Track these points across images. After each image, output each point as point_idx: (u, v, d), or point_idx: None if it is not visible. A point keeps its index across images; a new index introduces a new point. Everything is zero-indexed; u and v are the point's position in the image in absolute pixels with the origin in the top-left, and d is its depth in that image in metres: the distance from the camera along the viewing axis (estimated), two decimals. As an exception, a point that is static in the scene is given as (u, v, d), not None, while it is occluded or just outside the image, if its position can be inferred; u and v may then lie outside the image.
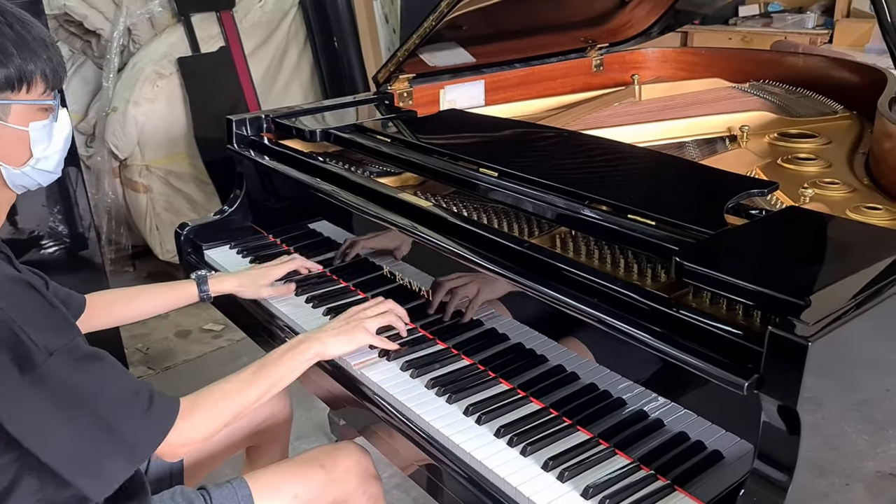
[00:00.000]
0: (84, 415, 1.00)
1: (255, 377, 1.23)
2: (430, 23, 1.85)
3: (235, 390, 1.20)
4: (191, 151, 3.34)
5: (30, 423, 0.98)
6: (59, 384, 0.99)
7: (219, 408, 1.17)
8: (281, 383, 1.26)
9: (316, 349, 1.29)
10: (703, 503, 0.99)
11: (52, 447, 0.99)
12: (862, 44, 4.14)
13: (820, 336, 0.83)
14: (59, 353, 0.99)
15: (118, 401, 1.04)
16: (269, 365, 1.25)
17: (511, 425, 1.16)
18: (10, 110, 1.05)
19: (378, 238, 1.56)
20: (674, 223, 1.15)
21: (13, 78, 1.03)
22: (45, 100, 1.08)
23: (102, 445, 1.02)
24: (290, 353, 1.28)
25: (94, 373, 1.03)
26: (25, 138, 1.08)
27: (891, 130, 1.54)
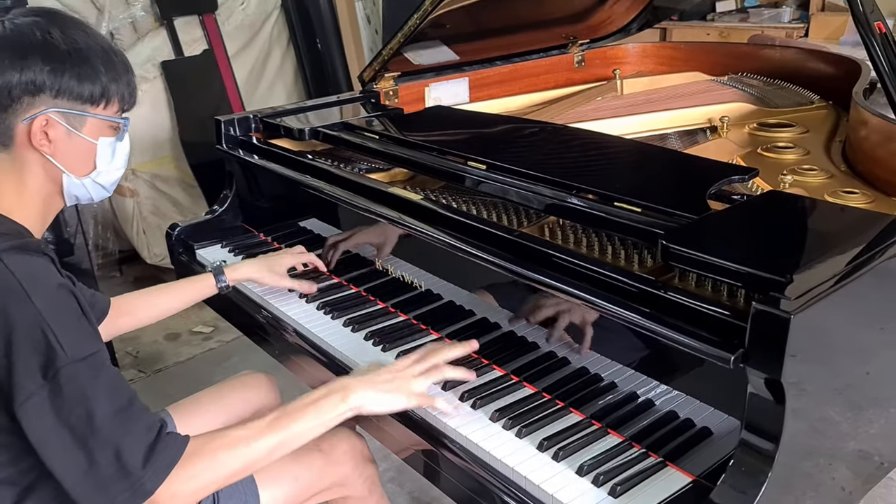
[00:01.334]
0: (95, 437, 0.97)
1: (272, 426, 1.07)
2: (415, 21, 1.87)
3: (244, 439, 1.05)
4: (176, 155, 3.34)
5: (45, 436, 0.97)
6: (75, 396, 0.97)
7: (220, 459, 1.03)
8: (302, 437, 1.09)
9: (353, 402, 1.11)
10: (695, 477, 1.02)
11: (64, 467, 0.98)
12: (837, 37, 4.22)
13: (801, 310, 0.86)
14: (83, 363, 0.99)
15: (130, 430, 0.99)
16: (290, 414, 1.09)
17: (506, 409, 1.19)
18: (86, 122, 1.10)
19: (369, 233, 1.58)
20: (659, 209, 1.18)
21: (97, 94, 1.09)
22: (118, 118, 1.14)
23: (110, 474, 0.97)
24: (320, 403, 1.11)
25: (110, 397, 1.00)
26: (92, 150, 1.13)
27: (866, 118, 1.59)
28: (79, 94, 1.07)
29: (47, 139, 1.08)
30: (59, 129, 1.08)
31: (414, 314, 1.48)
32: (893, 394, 1.18)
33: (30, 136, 1.07)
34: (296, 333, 1.52)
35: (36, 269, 1.03)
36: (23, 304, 0.98)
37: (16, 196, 1.10)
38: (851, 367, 1.07)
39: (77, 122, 1.09)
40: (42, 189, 1.12)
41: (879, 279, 1.04)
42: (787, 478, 0.93)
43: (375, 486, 1.43)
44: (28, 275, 1.00)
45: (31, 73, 1.04)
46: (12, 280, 0.99)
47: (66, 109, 1.08)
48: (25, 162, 1.09)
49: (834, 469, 1.09)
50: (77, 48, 1.07)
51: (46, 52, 1.05)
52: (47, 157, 1.09)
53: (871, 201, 1.40)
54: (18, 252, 1.03)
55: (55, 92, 1.06)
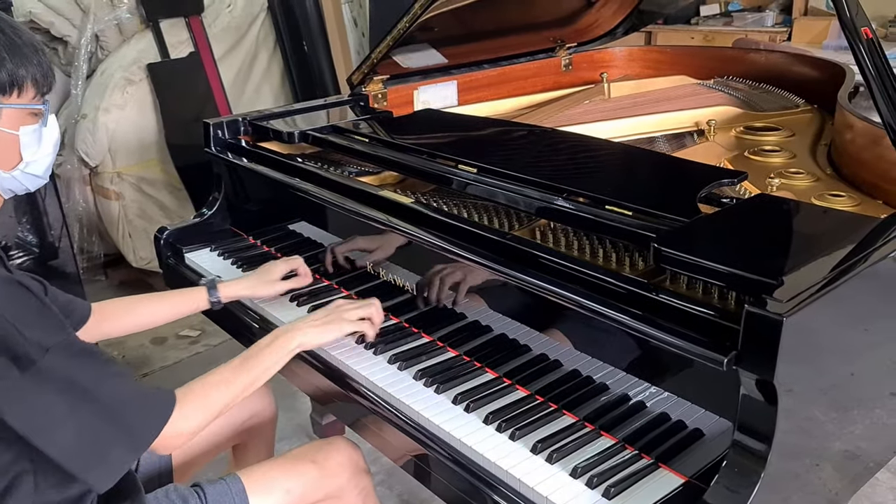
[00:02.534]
0: (85, 405, 1.02)
1: (241, 368, 1.24)
2: (404, 24, 1.88)
3: (224, 381, 1.21)
4: (163, 157, 3.32)
5: (34, 417, 0.99)
6: (59, 377, 1.00)
7: (209, 398, 1.18)
8: (266, 374, 1.27)
9: (298, 339, 1.30)
10: (687, 478, 1.03)
11: (57, 440, 1.00)
12: (820, 41, 4.27)
13: (793, 312, 0.87)
14: (55, 348, 1.00)
15: (117, 390, 1.05)
16: (253, 357, 1.27)
17: (499, 412, 1.19)
18: (0, 114, 1.06)
19: (360, 237, 1.58)
20: (650, 212, 1.19)
21: (5, 82, 1.04)
22: (35, 104, 1.09)
23: (105, 434, 1.03)
24: (274, 345, 1.29)
25: (91, 366, 1.04)
26: (15, 142, 1.09)
27: (851, 122, 1.61)
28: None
29: None
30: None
31: (405, 317, 1.48)
32: (877, 394, 1.20)
33: None
34: (287, 337, 1.52)
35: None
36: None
37: None
38: (837, 367, 1.08)
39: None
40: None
41: (865, 282, 1.05)
42: (775, 479, 0.94)
43: (370, 496, 1.41)
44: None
45: None
46: None
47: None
48: None
49: (821, 469, 1.11)
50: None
51: None
52: None
53: (856, 204, 1.42)
54: None
55: None
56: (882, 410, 1.21)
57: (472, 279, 1.33)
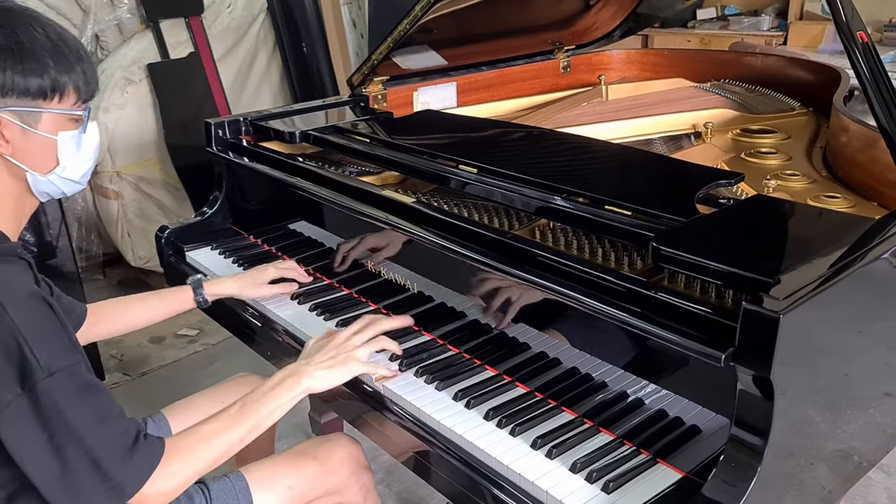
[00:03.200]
0: (71, 445, 0.99)
1: (238, 416, 1.16)
2: (405, 26, 1.89)
3: (217, 432, 1.14)
4: (162, 157, 3.33)
5: (23, 443, 0.98)
6: (52, 407, 0.98)
7: (199, 451, 1.11)
8: (266, 421, 1.19)
9: (305, 384, 1.22)
10: (685, 473, 1.05)
11: (41, 472, 0.99)
12: (815, 44, 4.30)
13: (790, 310, 0.89)
14: (60, 374, 0.99)
15: (106, 436, 1.02)
16: (253, 402, 1.18)
17: (499, 408, 1.21)
18: (40, 118, 1.07)
19: (362, 236, 1.60)
20: (648, 212, 1.21)
21: (46, 88, 1.06)
22: (75, 111, 1.11)
23: (87, 479, 1.00)
24: (276, 390, 1.21)
25: (87, 404, 1.02)
26: (53, 146, 1.10)
27: (846, 125, 1.63)
28: (26, 89, 1.04)
29: (3, 139, 1.06)
30: (13, 129, 1.06)
31: (406, 315, 1.49)
32: (871, 395, 1.22)
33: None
34: (288, 335, 1.53)
35: (10, 277, 1.02)
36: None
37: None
38: (831, 369, 1.09)
39: (31, 119, 1.06)
40: (11, 190, 1.11)
41: (860, 282, 1.07)
42: (770, 477, 0.96)
43: (370, 493, 1.43)
44: (2, 284, 0.99)
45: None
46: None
47: (18, 107, 1.05)
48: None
49: (815, 469, 1.12)
50: (19, 42, 1.03)
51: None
52: (7, 158, 1.07)
53: (851, 205, 1.44)
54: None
55: (2, 91, 1.03)
56: (876, 410, 1.23)
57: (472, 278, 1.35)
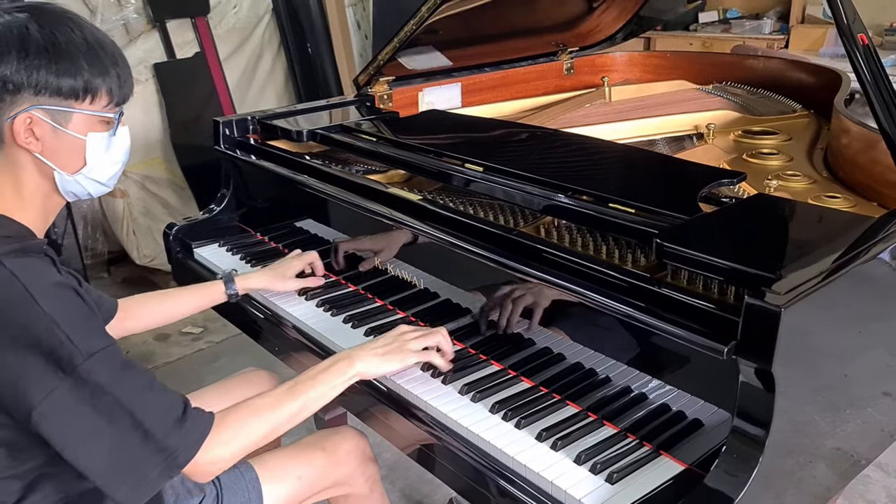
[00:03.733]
0: (121, 419, 1.00)
1: (289, 394, 1.17)
2: (411, 27, 1.92)
3: (267, 407, 1.15)
4: (167, 156, 3.36)
5: (69, 427, 0.99)
6: (97, 386, 0.99)
7: (249, 424, 1.12)
8: (318, 402, 1.19)
9: (357, 368, 1.23)
10: (687, 465, 1.07)
11: (90, 454, 1.00)
12: (816, 48, 4.32)
13: (791, 304, 0.91)
14: (99, 355, 1.00)
15: (155, 408, 1.03)
16: (304, 382, 1.19)
17: (504, 402, 1.23)
18: (71, 118, 1.08)
19: (369, 233, 1.62)
20: (652, 210, 1.23)
21: (79, 89, 1.06)
22: (106, 113, 1.11)
23: (140, 452, 1.01)
24: (331, 370, 1.22)
25: (131, 380, 1.03)
26: (82, 147, 1.11)
27: (847, 127, 1.65)
28: (58, 89, 1.05)
29: (34, 137, 1.07)
30: (44, 127, 1.07)
31: (412, 311, 1.52)
32: (870, 394, 1.23)
33: (14, 134, 1.06)
34: (296, 330, 1.55)
35: (38, 270, 1.03)
36: (30, 308, 0.98)
37: (15, 196, 1.10)
38: (831, 368, 1.11)
39: (62, 119, 1.07)
40: (39, 187, 1.12)
41: (860, 281, 1.09)
42: (769, 476, 0.98)
43: (376, 484, 1.46)
44: (32, 278, 1.01)
45: (6, 70, 1.02)
46: (17, 284, 0.99)
47: (50, 106, 1.05)
48: (17, 161, 1.09)
49: (813, 466, 1.14)
50: (55, 43, 1.04)
51: (22, 48, 1.03)
52: (36, 155, 1.08)
53: (852, 205, 1.46)
54: (20, 255, 1.02)
55: (34, 89, 1.04)
56: (874, 410, 1.25)
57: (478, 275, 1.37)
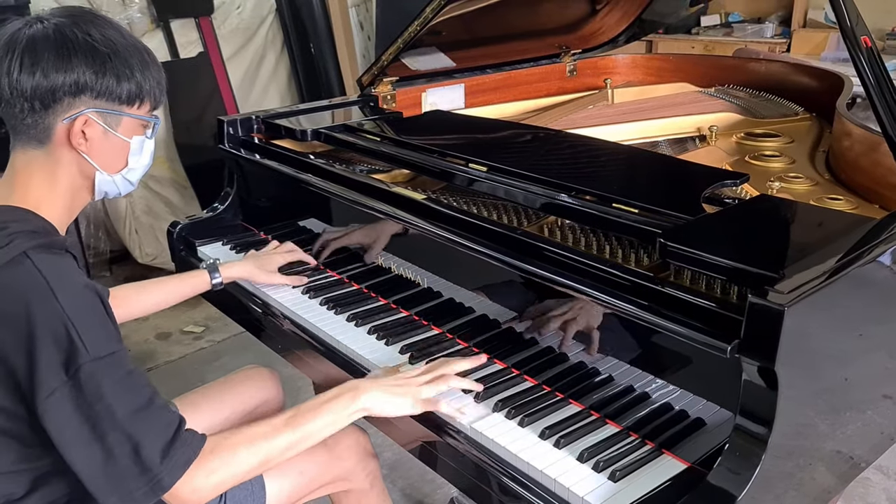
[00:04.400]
0: (114, 433, 1.00)
1: (288, 425, 1.12)
2: (415, 27, 1.92)
3: (262, 436, 1.10)
4: (170, 156, 3.37)
5: (65, 430, 1.00)
6: (97, 393, 1.00)
7: (239, 454, 1.08)
8: (318, 435, 1.14)
9: (363, 402, 1.17)
10: (690, 464, 1.08)
11: (84, 459, 1.01)
12: (818, 52, 4.33)
13: (795, 303, 0.92)
14: (105, 360, 1.01)
15: (149, 427, 1.02)
16: (305, 413, 1.14)
17: (507, 400, 1.23)
18: (121, 122, 1.13)
19: (370, 231, 1.62)
20: (655, 210, 1.24)
21: (133, 93, 1.12)
22: (149, 117, 1.17)
23: (128, 468, 1.01)
24: (333, 402, 1.16)
25: (131, 392, 1.03)
26: (126, 149, 1.16)
27: (850, 130, 1.66)
28: (118, 94, 1.10)
29: (84, 138, 1.10)
30: (96, 129, 1.11)
31: (415, 310, 1.52)
32: (870, 397, 1.24)
33: (69, 135, 1.10)
34: (300, 328, 1.56)
35: (63, 268, 1.05)
36: (48, 301, 1.00)
37: (46, 191, 1.12)
38: (831, 371, 1.12)
39: (113, 122, 1.12)
40: (73, 185, 1.15)
41: (862, 282, 1.10)
42: (769, 477, 0.98)
43: (377, 480, 1.47)
44: (55, 274, 1.02)
45: (74, 74, 1.07)
46: (39, 278, 1.01)
47: (105, 109, 1.10)
48: (60, 159, 1.12)
49: (813, 469, 1.14)
50: (116, 49, 1.09)
51: (89, 53, 1.07)
52: (83, 156, 1.12)
53: (854, 207, 1.47)
54: (46, 251, 1.04)
55: (96, 93, 1.09)
56: (874, 412, 1.25)
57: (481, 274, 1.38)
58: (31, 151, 1.12)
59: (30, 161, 1.12)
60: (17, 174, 1.13)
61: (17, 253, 1.02)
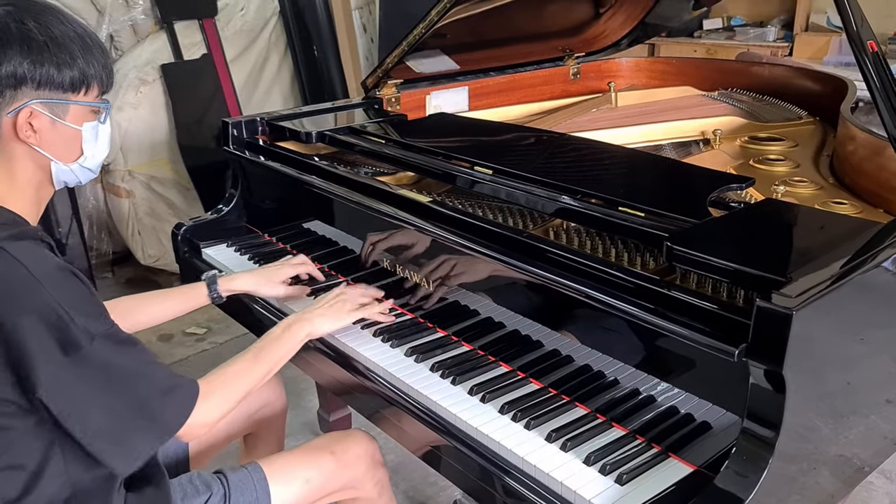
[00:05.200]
0: (119, 394, 1.07)
1: (258, 358, 1.31)
2: (420, 30, 1.93)
3: (244, 371, 1.28)
4: (173, 157, 3.37)
5: (71, 400, 1.04)
6: (100, 365, 1.05)
7: (231, 388, 1.25)
8: (279, 364, 1.35)
9: (306, 329, 1.39)
10: (696, 467, 1.08)
11: (87, 423, 1.05)
12: (820, 56, 4.33)
13: (803, 307, 0.92)
14: (101, 336, 1.05)
15: (151, 381, 1.11)
16: (266, 348, 1.34)
17: (514, 402, 1.23)
18: (68, 110, 1.11)
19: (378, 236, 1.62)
20: (661, 213, 1.24)
21: (76, 80, 1.10)
22: (98, 102, 1.15)
23: (133, 421, 1.08)
24: (284, 336, 1.37)
25: (131, 356, 1.10)
26: (78, 137, 1.14)
27: (854, 134, 1.66)
28: (59, 83, 1.08)
29: (32, 130, 1.09)
30: (43, 120, 1.09)
31: (420, 313, 1.52)
32: (873, 402, 1.24)
33: (15, 128, 1.08)
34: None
35: (39, 255, 1.06)
36: (35, 290, 1.01)
37: (8, 186, 1.12)
38: (835, 375, 1.12)
39: (60, 111, 1.10)
40: (33, 178, 1.14)
41: (869, 286, 1.10)
42: (773, 481, 0.98)
43: (385, 489, 1.46)
44: (34, 261, 1.03)
45: (10, 66, 1.04)
46: (20, 268, 1.02)
47: (49, 99, 1.08)
48: (13, 153, 1.11)
49: (817, 473, 1.14)
50: (53, 37, 1.07)
51: (24, 43, 1.05)
52: (34, 148, 1.11)
53: (859, 212, 1.47)
54: (19, 240, 1.05)
55: (37, 84, 1.06)
56: (877, 417, 1.25)
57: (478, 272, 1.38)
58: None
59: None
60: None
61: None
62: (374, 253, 1.64)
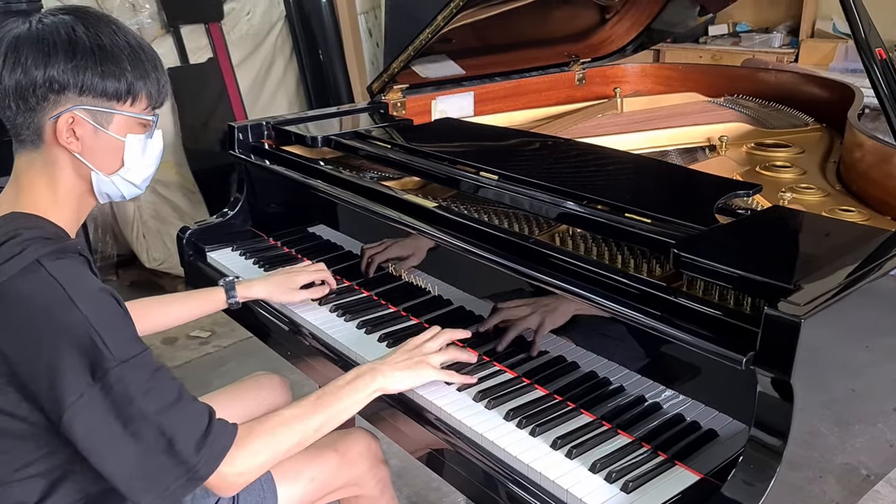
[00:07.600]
0: (147, 430, 1.01)
1: (315, 406, 1.18)
2: (427, 35, 1.93)
3: (294, 418, 1.16)
4: (178, 160, 3.38)
5: (95, 434, 1.00)
6: (126, 394, 1.00)
7: (279, 435, 1.13)
8: (342, 415, 1.21)
9: (379, 383, 1.24)
10: (703, 475, 1.07)
11: (117, 460, 1.01)
12: (826, 63, 4.33)
13: (811, 315, 0.92)
14: (131, 362, 1.01)
15: (181, 420, 1.04)
16: (329, 395, 1.21)
17: (519, 409, 1.23)
18: (112, 119, 1.11)
19: (385, 241, 1.62)
20: (668, 220, 1.24)
21: (122, 91, 1.09)
22: (145, 115, 1.14)
23: (164, 463, 1.02)
24: (352, 384, 1.23)
25: (160, 389, 1.04)
26: (120, 148, 1.13)
27: (861, 141, 1.66)
28: (103, 91, 1.08)
29: (75, 137, 1.09)
30: (86, 127, 1.09)
31: (426, 318, 1.52)
32: (879, 410, 1.23)
33: (56, 133, 1.08)
34: (311, 336, 1.56)
35: (77, 273, 1.04)
36: (68, 310, 0.99)
37: (50, 196, 1.12)
38: (841, 383, 1.11)
39: (104, 120, 1.10)
40: (74, 188, 1.14)
41: (873, 296, 1.09)
42: (779, 489, 0.97)
43: (387, 487, 1.46)
44: (71, 280, 1.02)
45: (53, 70, 1.05)
46: (56, 287, 1.00)
47: (92, 107, 1.08)
48: (56, 160, 1.11)
49: (823, 481, 1.13)
50: (101, 45, 1.07)
51: (70, 49, 1.06)
52: (75, 155, 1.11)
53: (866, 219, 1.46)
54: (59, 257, 1.04)
55: (79, 89, 1.07)
56: (884, 425, 1.24)
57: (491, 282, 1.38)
58: (29, 154, 1.11)
59: (29, 164, 1.12)
60: (19, 178, 1.13)
61: (30, 261, 1.01)
62: (375, 257, 1.64)
